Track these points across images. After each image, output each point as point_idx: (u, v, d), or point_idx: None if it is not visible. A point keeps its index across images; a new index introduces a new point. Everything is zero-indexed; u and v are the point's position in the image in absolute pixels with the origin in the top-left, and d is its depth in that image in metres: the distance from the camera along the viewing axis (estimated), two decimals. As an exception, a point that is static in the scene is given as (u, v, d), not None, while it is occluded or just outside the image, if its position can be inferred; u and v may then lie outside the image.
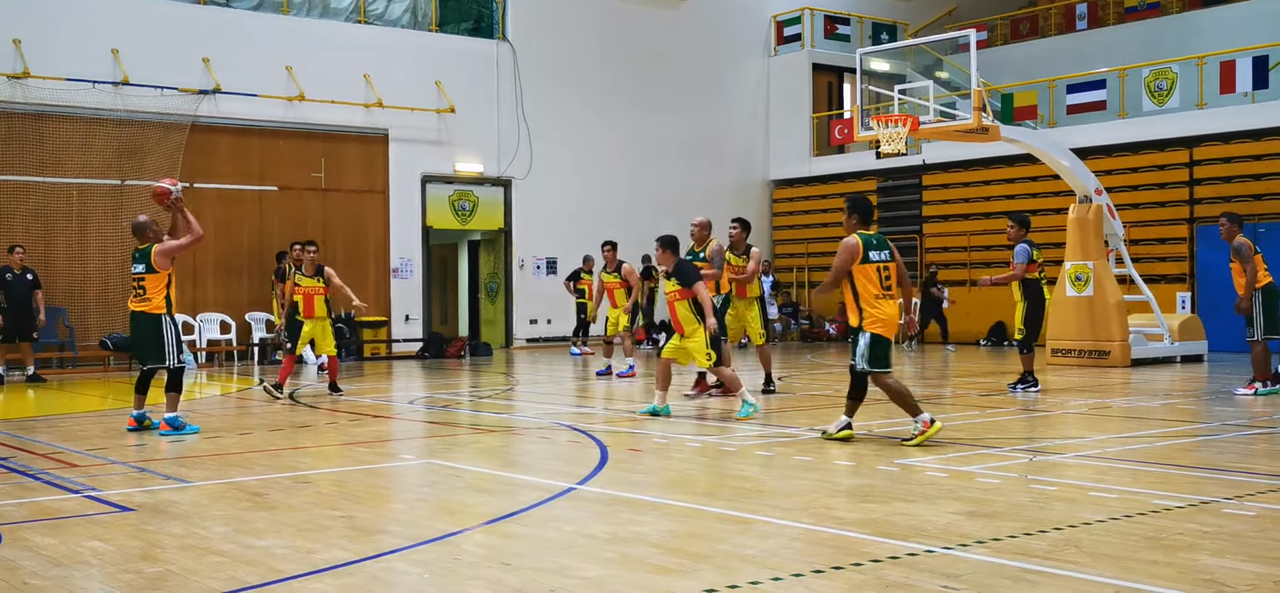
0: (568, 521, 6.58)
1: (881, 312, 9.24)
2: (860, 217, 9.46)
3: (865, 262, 9.21)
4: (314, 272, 14.59)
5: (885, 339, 9.27)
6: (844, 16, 29.91)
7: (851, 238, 9.32)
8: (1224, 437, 9.96)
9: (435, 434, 10.80)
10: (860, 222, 9.45)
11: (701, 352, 11.46)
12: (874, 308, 9.23)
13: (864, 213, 9.51)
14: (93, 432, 11.14)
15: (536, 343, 25.58)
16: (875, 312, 9.23)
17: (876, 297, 9.22)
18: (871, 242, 9.29)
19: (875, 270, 9.23)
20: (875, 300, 9.23)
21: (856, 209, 9.50)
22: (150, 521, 6.63)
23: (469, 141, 24.78)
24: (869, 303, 9.24)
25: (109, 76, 20.55)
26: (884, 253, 9.33)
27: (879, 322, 9.24)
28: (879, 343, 9.26)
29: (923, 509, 6.65)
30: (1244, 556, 5.47)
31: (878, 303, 9.23)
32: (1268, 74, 21.47)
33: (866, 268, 9.21)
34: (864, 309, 9.26)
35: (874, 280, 9.22)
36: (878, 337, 9.24)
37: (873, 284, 9.22)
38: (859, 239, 9.27)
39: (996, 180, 25.29)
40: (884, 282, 9.26)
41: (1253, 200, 21.66)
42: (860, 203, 9.58)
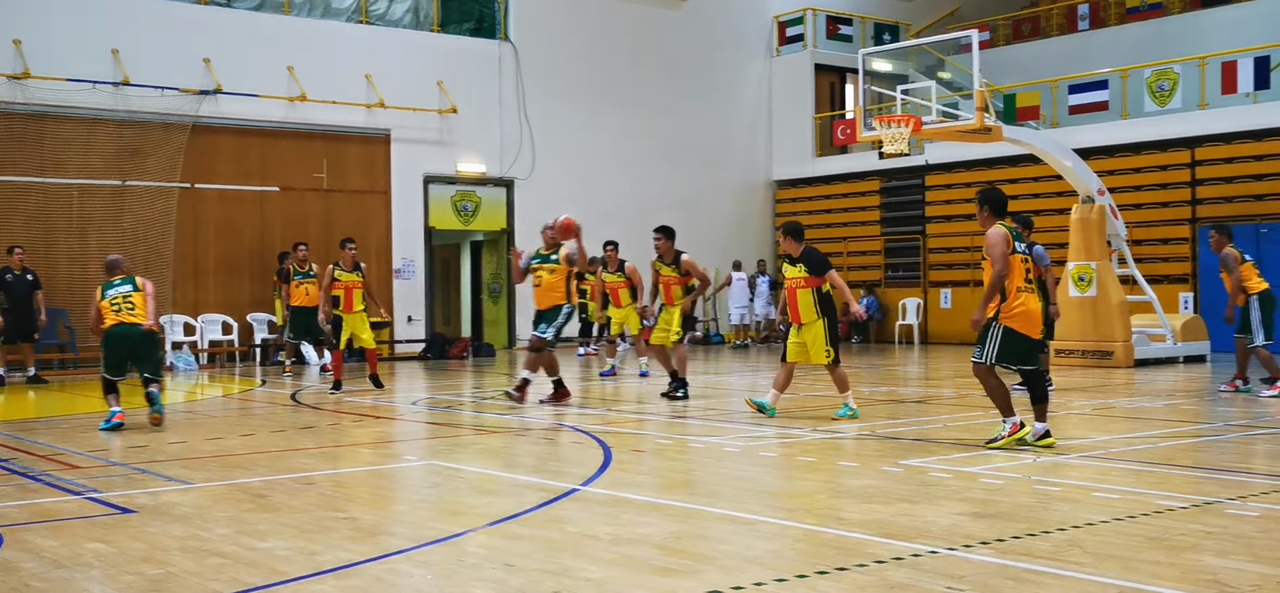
0: (571, 522, 6.57)
1: (1023, 305, 8.86)
2: (992, 209, 9.09)
3: (1013, 252, 8.86)
4: (352, 267, 15.40)
5: (1020, 335, 8.87)
6: (846, 17, 29.89)
7: (999, 227, 8.93)
8: (1227, 437, 9.95)
9: (438, 435, 10.79)
10: (994, 213, 9.07)
11: (820, 347, 11.09)
12: (1015, 301, 8.86)
13: (997, 205, 9.12)
14: (94, 433, 11.13)
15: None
16: (1016, 305, 8.86)
17: (1018, 289, 8.86)
18: (1014, 232, 8.99)
19: (1020, 261, 8.90)
20: (1017, 293, 8.87)
21: (989, 201, 9.12)
22: (152, 522, 6.62)
23: (471, 142, 24.77)
24: (1011, 296, 8.87)
25: (109, 77, 20.54)
26: (1022, 246, 8.98)
27: (1017, 316, 8.86)
28: (1012, 337, 8.86)
29: (927, 510, 6.63)
30: (1248, 556, 5.45)
31: (1020, 296, 8.87)
32: (1269, 74, 21.45)
33: (1014, 259, 8.86)
34: (1007, 300, 8.87)
35: (1018, 273, 8.87)
36: (1012, 331, 8.85)
37: (1017, 276, 8.86)
38: (1006, 229, 8.92)
39: (999, 181, 25.21)
40: (1027, 274, 8.93)
41: (1255, 200, 21.64)
42: (992, 196, 9.16)
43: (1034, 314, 8.92)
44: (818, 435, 10.04)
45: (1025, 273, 8.92)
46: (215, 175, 21.80)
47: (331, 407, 13.37)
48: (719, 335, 27.98)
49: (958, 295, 25.85)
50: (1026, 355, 8.95)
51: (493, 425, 11.53)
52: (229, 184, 21.97)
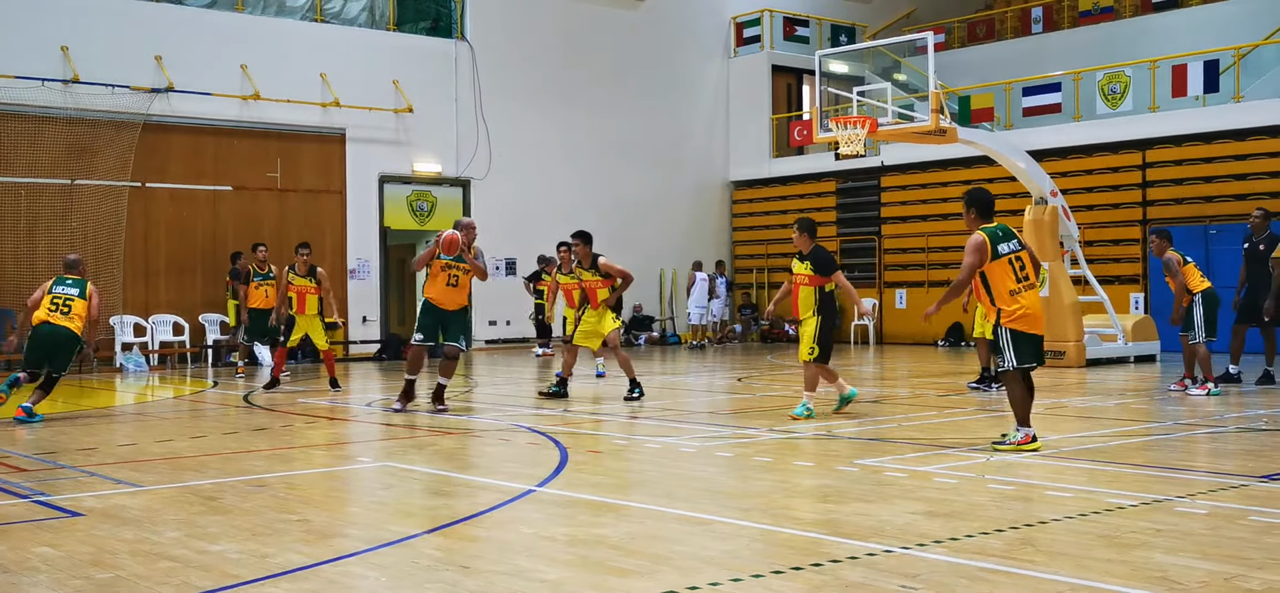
0: (527, 523, 6.54)
1: (1020, 305, 8.75)
2: (979, 210, 8.97)
3: (995, 257, 8.74)
4: (306, 271, 15.51)
5: (1028, 335, 8.79)
6: (803, 18, 30.05)
7: (977, 234, 8.83)
8: (1177, 436, 10.08)
9: (393, 437, 10.72)
10: (980, 215, 8.97)
11: (807, 342, 11.23)
12: (1012, 304, 8.76)
13: (983, 206, 8.99)
14: (42, 436, 10.95)
15: (496, 344, 25.47)
16: (1014, 307, 8.75)
17: (1012, 291, 8.76)
18: (998, 234, 8.81)
19: (1008, 263, 8.75)
20: (1011, 296, 8.75)
21: (975, 204, 9.01)
22: (101, 525, 6.52)
23: (427, 142, 24.64)
24: (1005, 300, 8.76)
25: (58, 74, 20.23)
26: (1013, 243, 8.84)
27: (1019, 317, 8.75)
28: (1023, 339, 8.77)
29: (881, 510, 6.66)
30: (1196, 553, 5.52)
31: (1016, 297, 8.75)
32: (1218, 78, 21.79)
33: (998, 263, 8.74)
34: (1001, 307, 8.79)
35: (1009, 274, 8.75)
36: (1019, 332, 8.76)
37: (1008, 278, 8.75)
38: (985, 234, 8.80)
39: (954, 182, 25.46)
40: (1020, 274, 8.78)
41: (1204, 202, 21.97)
42: (979, 196, 9.07)
43: (1034, 311, 8.82)
44: (774, 436, 10.07)
45: (1017, 272, 8.81)
46: (167, 174, 21.53)
47: (284, 409, 13.23)
48: (675, 336, 28.02)
49: (913, 296, 26.04)
50: (1038, 353, 8.88)
51: (448, 427, 11.46)
52: (181, 183, 21.71)
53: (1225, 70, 21.95)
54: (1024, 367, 8.83)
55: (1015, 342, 8.78)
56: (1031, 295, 8.86)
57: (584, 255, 14.35)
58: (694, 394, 14.26)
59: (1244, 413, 11.46)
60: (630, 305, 27.31)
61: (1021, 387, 8.87)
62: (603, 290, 14.22)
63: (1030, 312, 8.81)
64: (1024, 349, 8.80)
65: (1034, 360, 8.86)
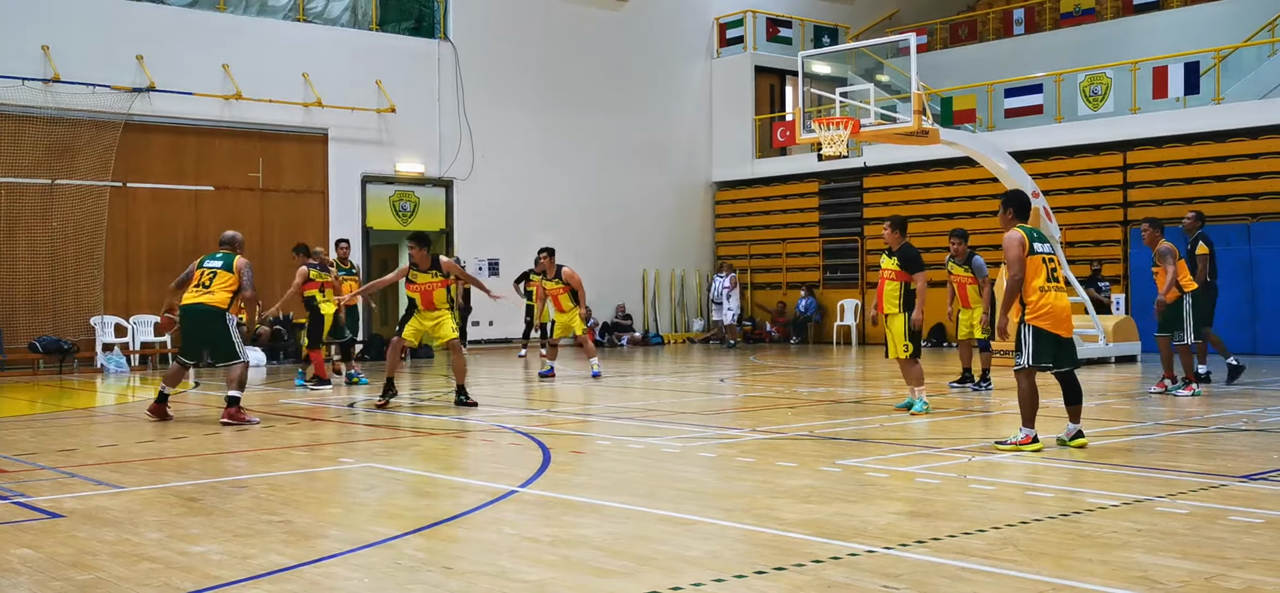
0: (510, 523, 6.54)
1: (1047, 302, 8.84)
2: (1017, 210, 9.16)
3: (1031, 254, 8.88)
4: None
5: (1050, 334, 8.85)
6: (786, 19, 30.10)
7: (1015, 232, 8.97)
8: (1157, 436, 10.14)
9: (375, 437, 10.69)
10: (1017, 216, 9.14)
11: (900, 341, 11.70)
12: (1039, 300, 8.85)
13: (1020, 207, 9.20)
14: (21, 436, 10.89)
15: (479, 345, 25.43)
16: (1041, 303, 8.84)
17: (1041, 288, 8.86)
18: (1034, 234, 9.01)
19: (1041, 261, 8.91)
20: (1040, 292, 8.86)
21: (1012, 204, 9.21)
22: (81, 527, 6.49)
23: (410, 142, 24.59)
24: (1033, 295, 8.86)
25: (39, 73, 20.12)
26: (1047, 245, 9.02)
27: (1045, 315, 8.84)
28: (1043, 337, 8.85)
29: (863, 510, 6.68)
30: (1177, 553, 5.56)
31: (1043, 294, 8.86)
32: (1198, 79, 21.91)
33: (1032, 260, 8.87)
34: (1028, 302, 8.88)
35: (1040, 271, 8.89)
36: (1042, 330, 8.84)
37: (1038, 274, 8.87)
38: (1022, 232, 8.95)
39: (936, 182, 25.56)
40: (1051, 273, 8.93)
41: (1185, 204, 22.07)
42: (1016, 198, 9.25)
43: (1061, 312, 8.89)
44: (756, 436, 10.09)
45: (1048, 271, 8.93)
46: (148, 174, 21.43)
47: (263, 409, 13.19)
48: (658, 336, 28.03)
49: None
50: (1059, 354, 8.94)
51: (431, 427, 11.44)
52: (162, 183, 21.61)
53: (1206, 72, 22.08)
54: (1040, 366, 8.89)
55: (1036, 338, 8.87)
56: (1061, 296, 8.96)
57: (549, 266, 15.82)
58: (677, 395, 14.27)
59: (1224, 413, 11.53)
60: (613, 306, 27.32)
61: (1028, 384, 8.94)
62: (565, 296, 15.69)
63: (1056, 310, 8.89)
64: (1043, 348, 8.87)
65: (1052, 362, 8.92)
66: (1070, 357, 9.00)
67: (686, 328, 28.87)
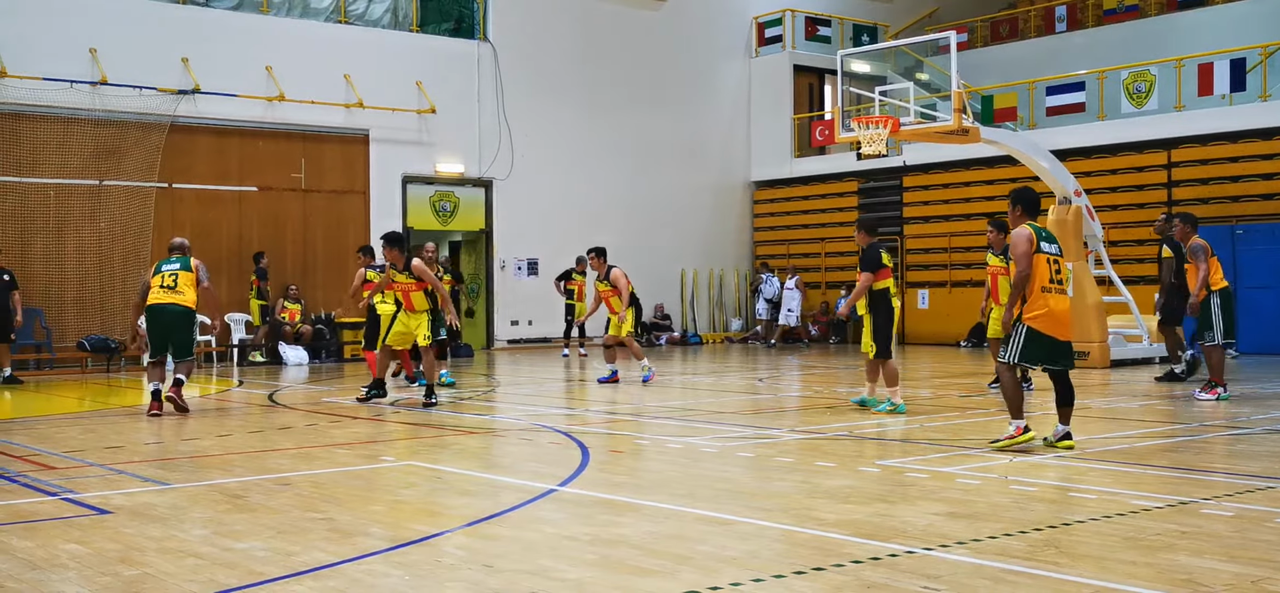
0: (549, 522, 6.57)
1: (1047, 305, 8.86)
2: (1025, 208, 9.22)
3: (1037, 252, 8.92)
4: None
5: (1044, 336, 8.86)
6: (825, 18, 29.98)
7: (1024, 228, 9.03)
8: (1202, 437, 10.02)
9: (416, 436, 10.77)
10: (1026, 213, 9.20)
11: (867, 338, 12.06)
12: (1039, 301, 8.87)
13: (1029, 204, 9.24)
14: (70, 433, 11.06)
15: (518, 344, 25.53)
16: (1040, 305, 8.87)
17: (1043, 289, 8.89)
18: (1042, 234, 9.04)
19: (1046, 262, 8.94)
20: (1042, 293, 8.88)
21: (1021, 200, 9.25)
22: (128, 523, 6.59)
23: (450, 142, 24.72)
24: (1035, 295, 8.88)
25: (87, 76, 20.42)
26: (1054, 246, 9.06)
27: (1042, 316, 8.86)
28: (1036, 338, 8.86)
29: (903, 510, 6.66)
30: (1222, 556, 5.50)
31: (1045, 297, 8.87)
32: (1244, 76, 21.62)
33: (1037, 259, 8.91)
34: (1027, 301, 8.90)
35: (1045, 272, 8.92)
36: (1035, 331, 8.85)
37: (1043, 275, 8.90)
38: (1031, 229, 9.00)
39: (976, 182, 25.38)
40: (1055, 275, 8.96)
41: (1230, 202, 21.82)
42: (1025, 195, 9.30)
43: (1059, 314, 8.90)
44: (794, 436, 10.07)
45: (1052, 273, 8.95)
46: (193, 175, 21.69)
47: (306, 407, 13.32)
48: (696, 336, 28.01)
49: (935, 296, 25.95)
50: (1054, 355, 8.93)
51: (471, 426, 11.52)
52: (207, 184, 21.86)
53: (1252, 69, 21.78)
54: (1026, 364, 8.97)
55: (1028, 338, 8.88)
56: (1062, 299, 8.94)
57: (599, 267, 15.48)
58: (716, 394, 14.27)
59: (1271, 415, 11.38)
60: (651, 305, 27.35)
61: (1012, 378, 9.01)
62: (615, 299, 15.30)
63: (1055, 313, 8.87)
64: (1033, 348, 8.88)
65: (1042, 362, 8.94)
66: (1066, 358, 9.01)
67: (725, 328, 28.84)
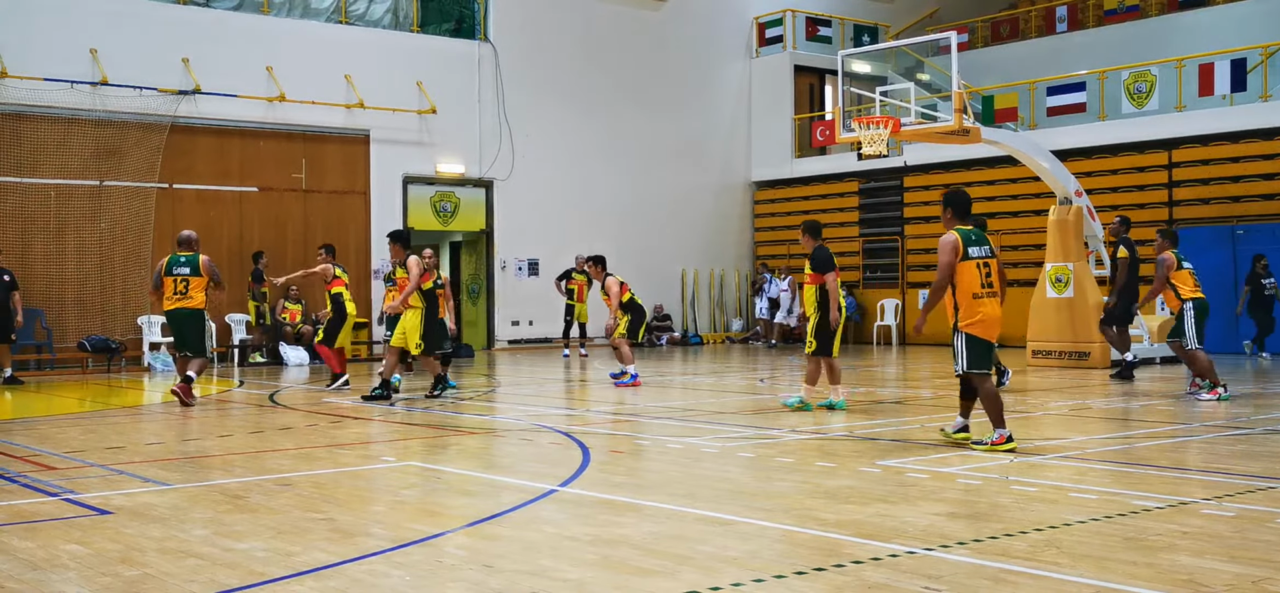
0: (550, 522, 6.57)
1: (980, 311, 8.90)
2: (956, 211, 9.15)
3: (965, 258, 8.87)
4: None
5: (983, 341, 8.92)
6: (825, 18, 29.98)
7: (951, 234, 8.98)
8: (1203, 438, 10.02)
9: (416, 436, 10.77)
10: (956, 216, 9.14)
11: (808, 337, 12.11)
12: (972, 307, 8.89)
13: (959, 207, 9.18)
14: (70, 434, 11.07)
15: (518, 345, 25.53)
16: (974, 313, 8.89)
17: (975, 296, 8.89)
18: (970, 237, 8.97)
19: (975, 267, 8.89)
20: (973, 300, 8.88)
21: (952, 204, 9.19)
22: (129, 523, 6.59)
23: (450, 143, 24.72)
24: (966, 302, 8.89)
25: (87, 76, 20.42)
26: (984, 249, 8.99)
27: (977, 322, 8.90)
28: (977, 345, 8.91)
29: (904, 511, 6.66)
30: (1223, 556, 5.50)
31: (977, 303, 8.89)
32: (1245, 77, 21.62)
33: (966, 265, 8.87)
34: (961, 307, 8.90)
35: (975, 278, 8.88)
36: (974, 338, 8.90)
37: (974, 282, 8.88)
38: (958, 234, 8.94)
39: (977, 182, 25.35)
40: (985, 279, 8.91)
41: (1231, 202, 21.81)
42: (956, 197, 9.25)
43: (992, 319, 8.96)
44: (796, 436, 10.07)
45: (982, 278, 8.91)
46: (193, 176, 21.69)
47: (306, 407, 13.32)
48: (697, 336, 28.01)
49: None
50: (985, 359, 9.04)
51: (471, 426, 11.52)
52: (207, 184, 21.87)
53: (1253, 69, 21.77)
54: (978, 371, 8.99)
55: (970, 345, 8.97)
56: (993, 304, 9.01)
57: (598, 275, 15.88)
58: (717, 395, 14.26)
59: (1271, 415, 11.38)
60: (651, 306, 27.36)
61: (988, 384, 9.03)
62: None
63: (989, 319, 8.96)
64: (978, 355, 8.98)
65: (987, 367, 9.02)
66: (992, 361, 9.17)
67: (725, 328, 28.84)
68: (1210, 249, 21.58)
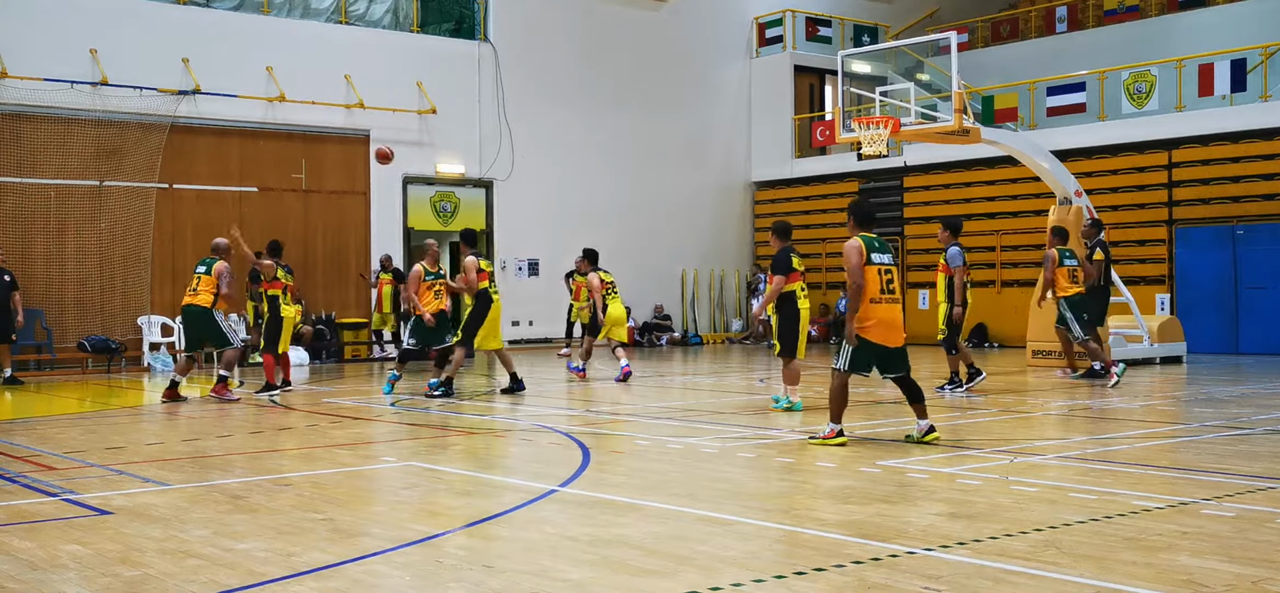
0: (550, 523, 6.57)
1: (875, 315, 9.23)
2: (857, 220, 9.55)
3: (867, 263, 9.24)
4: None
5: (874, 345, 9.24)
6: (825, 18, 29.98)
7: (855, 239, 9.36)
8: (1203, 438, 10.02)
9: (416, 436, 10.77)
10: (858, 225, 9.52)
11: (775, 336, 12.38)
12: (869, 310, 9.24)
13: (859, 216, 9.58)
14: (70, 434, 11.07)
15: (519, 345, 25.53)
16: (869, 315, 9.23)
17: (872, 301, 9.23)
18: (873, 244, 9.35)
19: (877, 272, 9.26)
20: (871, 304, 9.24)
21: (853, 214, 9.62)
22: (129, 524, 6.59)
23: (450, 143, 24.72)
24: (864, 306, 9.25)
25: (87, 77, 20.42)
26: (887, 256, 9.37)
27: (872, 327, 9.23)
28: (865, 348, 9.25)
29: (904, 511, 6.66)
30: (1222, 556, 5.50)
31: (873, 307, 9.23)
32: (1245, 77, 21.62)
33: (869, 270, 9.23)
34: (857, 310, 9.26)
35: (875, 282, 9.24)
36: (864, 341, 9.24)
37: (873, 286, 9.23)
38: (862, 241, 9.31)
39: (977, 182, 25.38)
40: (886, 284, 9.28)
41: (1230, 202, 21.81)
42: (858, 208, 9.65)
43: (889, 323, 9.26)
44: (795, 436, 10.07)
45: (883, 283, 9.27)
46: (193, 176, 21.69)
47: (306, 408, 13.32)
48: (697, 337, 28.01)
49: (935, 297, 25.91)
50: (884, 362, 9.35)
51: (471, 426, 11.52)
52: (207, 185, 21.86)
53: (1253, 69, 21.77)
54: (856, 372, 9.34)
55: (860, 346, 9.27)
56: (890, 308, 9.31)
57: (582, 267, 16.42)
58: (716, 395, 14.27)
59: (1272, 415, 11.38)
60: (651, 306, 27.36)
61: (841, 385, 9.35)
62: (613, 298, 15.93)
63: (884, 322, 9.27)
64: (861, 358, 9.29)
65: (871, 369, 9.36)
66: (898, 364, 9.39)
67: (726, 328, 28.84)
68: (1210, 249, 21.60)
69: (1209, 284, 21.55)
